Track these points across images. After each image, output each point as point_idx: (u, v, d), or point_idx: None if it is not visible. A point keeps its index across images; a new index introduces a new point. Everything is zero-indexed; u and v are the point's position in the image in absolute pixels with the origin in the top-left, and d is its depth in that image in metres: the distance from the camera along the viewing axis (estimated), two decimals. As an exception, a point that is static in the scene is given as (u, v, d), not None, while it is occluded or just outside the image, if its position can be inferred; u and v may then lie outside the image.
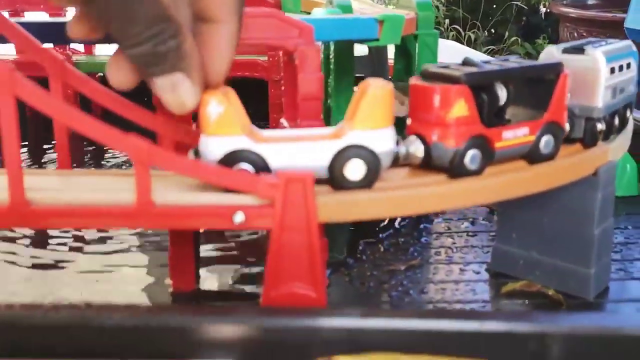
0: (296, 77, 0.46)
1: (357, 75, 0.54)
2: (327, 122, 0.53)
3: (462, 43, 2.15)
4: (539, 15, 2.54)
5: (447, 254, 0.46)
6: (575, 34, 1.73)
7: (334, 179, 0.32)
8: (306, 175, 0.30)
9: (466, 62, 0.35)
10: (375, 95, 0.31)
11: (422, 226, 0.51)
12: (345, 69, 0.53)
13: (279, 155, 0.31)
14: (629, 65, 0.41)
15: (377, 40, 0.44)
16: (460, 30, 2.32)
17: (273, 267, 0.31)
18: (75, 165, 0.61)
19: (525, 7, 2.46)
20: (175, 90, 0.29)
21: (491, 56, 1.58)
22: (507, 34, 2.41)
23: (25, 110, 0.65)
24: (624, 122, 0.42)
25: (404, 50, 0.61)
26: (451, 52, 1.00)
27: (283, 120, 0.45)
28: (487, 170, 0.34)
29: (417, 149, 0.33)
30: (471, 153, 0.33)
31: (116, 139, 0.29)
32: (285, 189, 0.30)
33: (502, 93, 0.35)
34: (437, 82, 0.33)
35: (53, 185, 0.32)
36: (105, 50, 0.78)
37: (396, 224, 0.51)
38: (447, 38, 2.14)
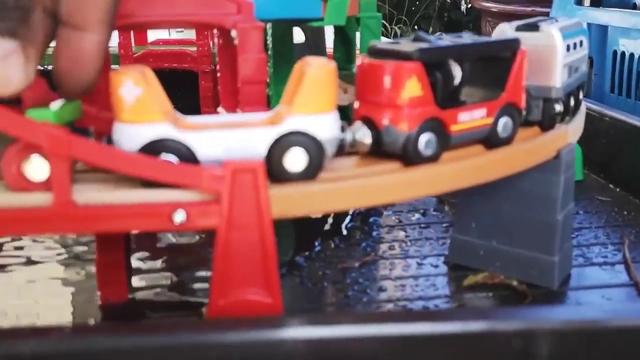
0: (233, 61, 0.42)
1: (295, 62, 0.50)
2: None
3: (389, 37, 2.16)
4: (460, 10, 2.59)
5: (402, 248, 0.43)
6: (498, 28, 1.77)
7: (272, 170, 0.28)
8: (256, 165, 0.26)
9: (418, 38, 0.32)
10: (316, 76, 0.28)
11: (371, 219, 0.49)
12: (284, 54, 0.49)
13: (207, 145, 0.27)
14: (581, 43, 0.39)
15: (322, 20, 0.41)
16: (387, 25, 2.33)
17: (220, 272, 0.27)
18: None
19: (448, 1, 2.50)
20: (4, 60, 0.24)
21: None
22: (430, 29, 2.44)
23: None
24: (578, 103, 0.40)
25: (344, 37, 0.58)
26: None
27: (221, 109, 0.41)
28: (443, 157, 0.31)
29: (364, 134, 0.30)
30: (426, 137, 0.30)
31: (27, 127, 0.24)
32: (232, 180, 0.26)
33: (457, 72, 0.32)
34: (387, 59, 0.30)
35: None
36: None
37: (345, 219, 0.48)
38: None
